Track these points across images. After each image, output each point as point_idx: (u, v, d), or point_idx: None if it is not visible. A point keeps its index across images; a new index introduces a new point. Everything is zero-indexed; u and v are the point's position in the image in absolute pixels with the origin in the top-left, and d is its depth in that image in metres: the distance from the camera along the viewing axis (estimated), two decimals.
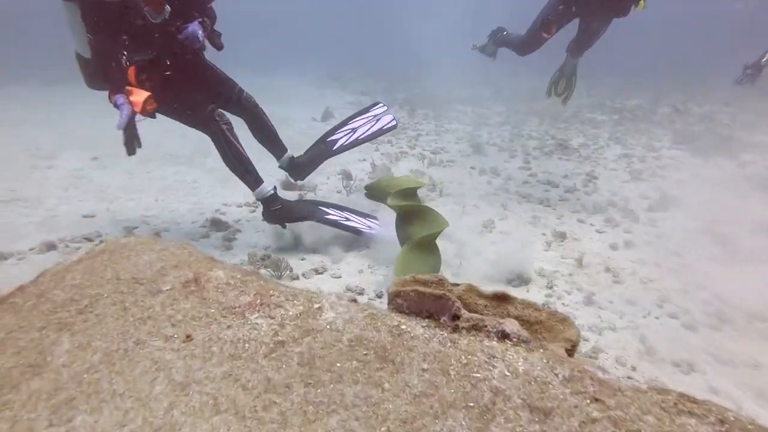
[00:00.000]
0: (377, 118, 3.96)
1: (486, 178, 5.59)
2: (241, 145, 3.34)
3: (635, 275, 3.31)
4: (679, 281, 3.19)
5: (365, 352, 1.21)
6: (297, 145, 3.99)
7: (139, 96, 2.86)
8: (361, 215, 3.75)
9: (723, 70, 11.85)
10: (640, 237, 3.93)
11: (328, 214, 3.58)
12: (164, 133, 6.31)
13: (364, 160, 6.06)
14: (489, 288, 3.02)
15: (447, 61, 12.63)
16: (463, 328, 1.25)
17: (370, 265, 3.32)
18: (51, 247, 3.34)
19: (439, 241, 3.08)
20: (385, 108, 4.04)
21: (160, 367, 1.18)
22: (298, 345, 1.23)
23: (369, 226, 3.62)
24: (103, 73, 2.92)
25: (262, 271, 3.16)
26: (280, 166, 3.84)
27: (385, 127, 3.92)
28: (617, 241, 3.84)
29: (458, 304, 1.24)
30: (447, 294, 1.24)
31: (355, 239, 3.63)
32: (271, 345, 1.23)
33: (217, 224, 3.90)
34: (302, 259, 3.37)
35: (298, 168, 3.81)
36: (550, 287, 3.14)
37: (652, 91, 12.28)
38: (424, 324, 1.29)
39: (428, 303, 1.28)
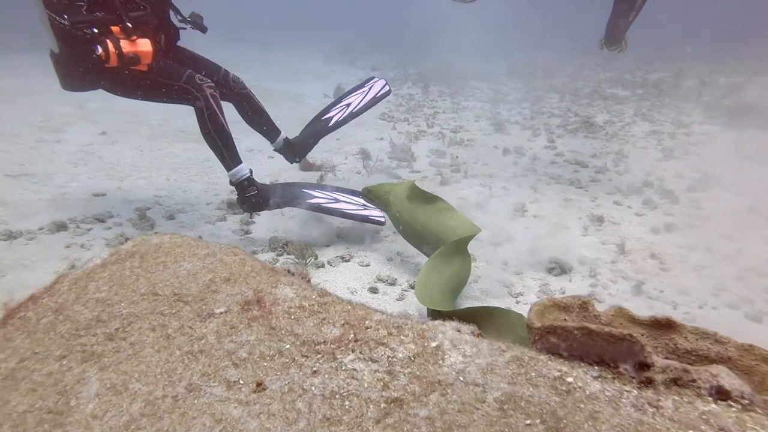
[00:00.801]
0: (370, 87, 3.79)
1: (511, 157, 5.32)
2: (224, 117, 2.95)
3: (685, 262, 3.08)
4: (734, 267, 2.95)
5: (527, 421, 0.85)
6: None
7: (146, 42, 2.71)
8: (352, 194, 3.43)
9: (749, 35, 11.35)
10: (683, 219, 3.68)
11: (314, 197, 3.25)
12: (171, 108, 6.05)
13: (382, 138, 5.80)
14: (531, 277, 2.72)
15: (458, 36, 12.18)
16: (659, 382, 0.88)
17: (400, 252, 3.10)
18: (61, 227, 3.16)
19: None
20: (377, 78, 3.86)
21: (226, 428, 0.87)
22: (422, 406, 0.89)
23: (364, 206, 3.28)
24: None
25: (285, 257, 2.95)
26: (275, 149, 3.64)
27: (379, 94, 3.73)
28: (659, 225, 3.59)
29: (648, 348, 0.88)
30: (632, 335, 0.87)
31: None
32: (383, 405, 0.89)
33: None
34: (327, 245, 3.16)
35: (294, 148, 3.61)
36: (594, 276, 2.92)
37: (673, 62, 11.79)
38: (595, 374, 0.92)
39: (601, 345, 0.93)
